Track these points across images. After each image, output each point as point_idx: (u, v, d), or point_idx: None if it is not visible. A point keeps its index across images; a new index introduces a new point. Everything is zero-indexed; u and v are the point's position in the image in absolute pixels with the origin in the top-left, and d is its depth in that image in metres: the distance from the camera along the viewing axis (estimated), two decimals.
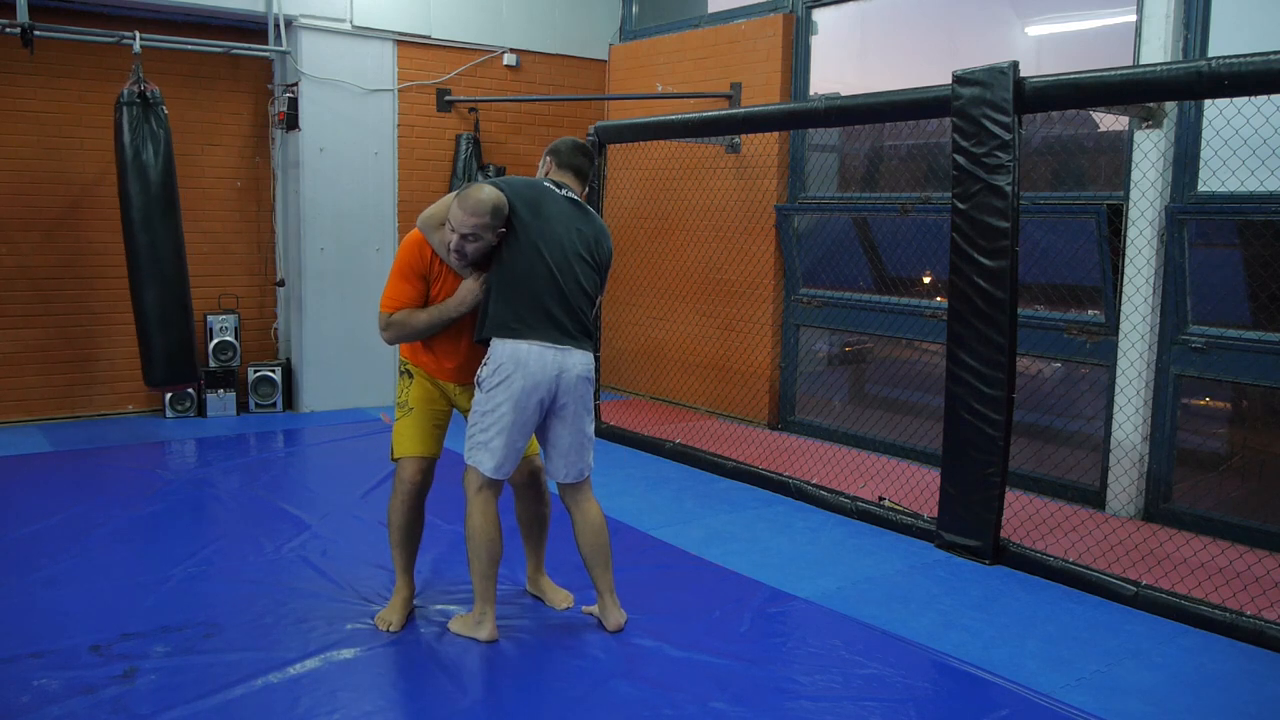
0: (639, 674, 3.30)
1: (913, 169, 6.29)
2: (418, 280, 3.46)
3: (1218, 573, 4.16)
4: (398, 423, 3.64)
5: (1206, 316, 4.87)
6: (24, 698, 3.01)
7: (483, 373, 3.38)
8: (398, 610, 3.62)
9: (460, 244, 3.30)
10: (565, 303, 3.39)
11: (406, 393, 3.64)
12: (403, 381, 3.67)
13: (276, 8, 6.78)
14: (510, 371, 3.32)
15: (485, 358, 3.40)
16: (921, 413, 6.10)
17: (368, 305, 7.44)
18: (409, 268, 3.46)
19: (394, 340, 3.52)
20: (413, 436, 3.61)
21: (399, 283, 3.46)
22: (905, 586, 4.15)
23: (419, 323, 3.46)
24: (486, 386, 3.37)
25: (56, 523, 4.64)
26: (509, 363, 3.32)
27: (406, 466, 3.60)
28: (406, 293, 3.45)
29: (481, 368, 3.40)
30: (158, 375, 6.03)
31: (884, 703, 3.15)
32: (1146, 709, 3.16)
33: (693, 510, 5.14)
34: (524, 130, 7.97)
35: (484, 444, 3.41)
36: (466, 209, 3.26)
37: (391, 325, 3.46)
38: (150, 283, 5.90)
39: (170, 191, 5.93)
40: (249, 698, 3.06)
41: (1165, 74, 3.84)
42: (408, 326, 3.47)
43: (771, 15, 6.92)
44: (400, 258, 3.48)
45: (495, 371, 3.34)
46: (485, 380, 3.37)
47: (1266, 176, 4.41)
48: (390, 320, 3.46)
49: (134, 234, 5.86)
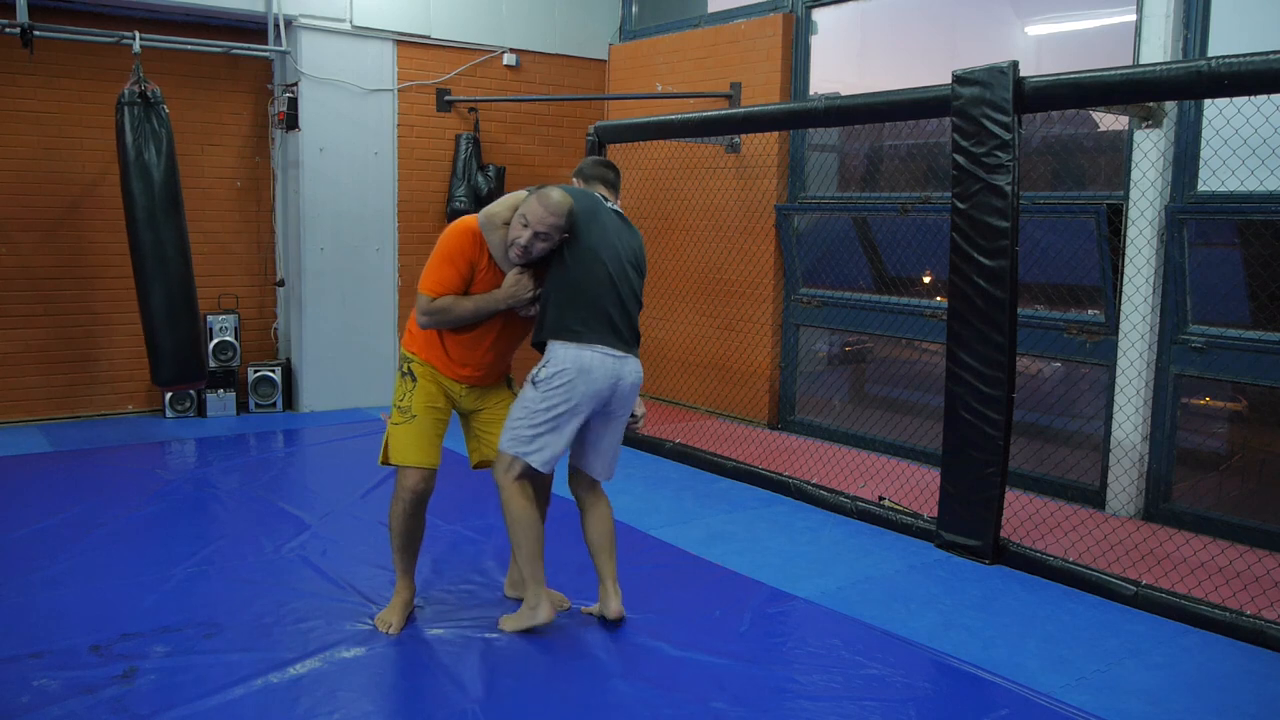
0: (639, 674, 3.30)
1: (913, 169, 6.29)
2: (466, 267, 3.41)
3: (1218, 572, 4.16)
4: (397, 427, 3.53)
5: (1206, 316, 4.87)
6: (24, 698, 3.01)
7: (541, 372, 3.42)
8: (398, 611, 3.62)
9: (532, 241, 3.31)
10: (623, 309, 3.48)
11: (409, 397, 3.52)
12: (404, 384, 3.54)
13: (276, 8, 6.78)
14: (573, 376, 3.38)
15: (544, 358, 3.44)
16: (921, 413, 6.10)
17: (368, 305, 7.45)
18: (458, 254, 3.41)
19: (432, 326, 3.44)
20: (416, 445, 3.52)
21: (445, 267, 3.39)
22: (905, 586, 4.15)
23: (463, 310, 3.41)
24: (545, 387, 3.41)
25: (56, 523, 4.64)
26: (572, 367, 3.39)
27: (409, 476, 3.53)
28: (452, 279, 3.40)
29: (541, 367, 3.43)
30: (166, 374, 6.03)
31: (884, 703, 3.15)
32: (1146, 709, 3.16)
33: (693, 510, 5.14)
34: (524, 130, 7.97)
35: (533, 439, 3.43)
36: (548, 208, 3.31)
37: (435, 310, 3.39)
38: (157, 282, 5.89)
39: (174, 190, 5.93)
40: (249, 698, 3.06)
41: (1165, 73, 3.84)
42: (451, 313, 3.41)
43: (771, 15, 6.92)
44: (449, 244, 3.42)
45: (558, 374, 3.39)
46: (543, 380, 3.41)
47: (1266, 176, 4.41)
48: (434, 305, 3.39)
49: (139, 233, 5.85)
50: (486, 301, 3.42)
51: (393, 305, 7.54)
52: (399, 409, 3.54)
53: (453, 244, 3.42)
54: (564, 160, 8.17)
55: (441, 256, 3.41)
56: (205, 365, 6.20)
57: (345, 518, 4.85)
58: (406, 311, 7.57)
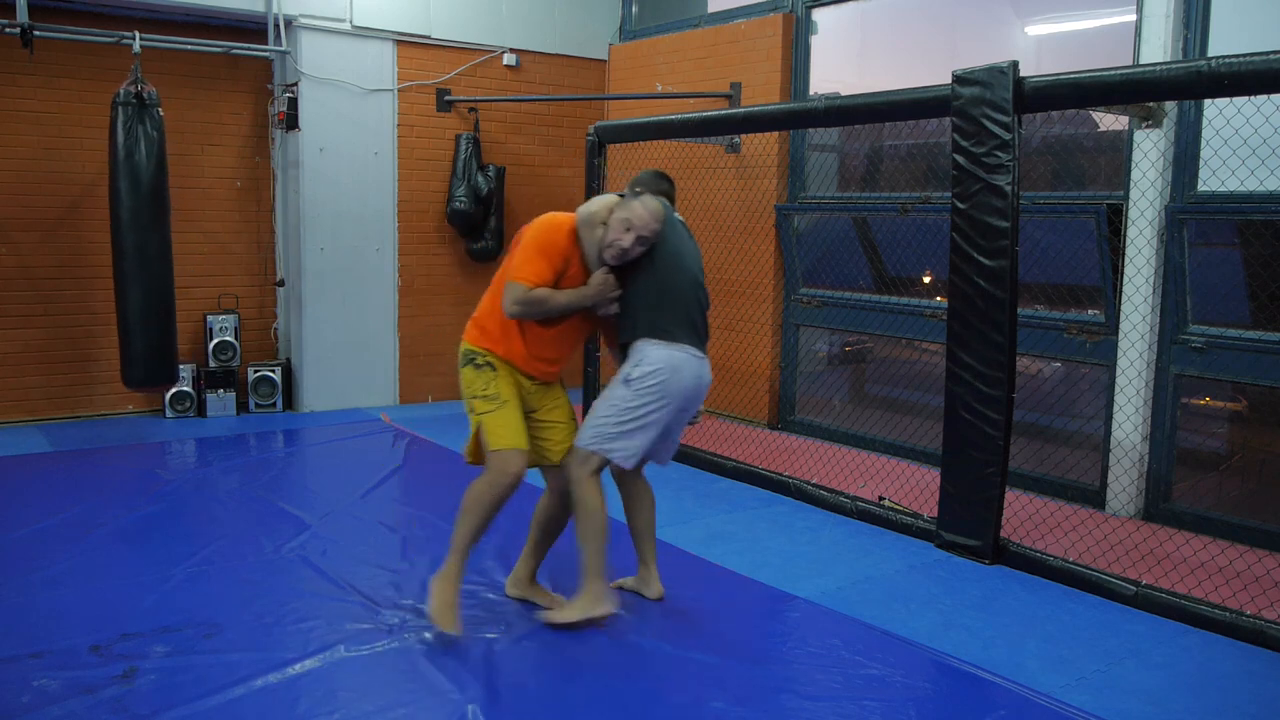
0: (639, 674, 3.30)
1: (913, 169, 6.29)
2: (561, 262, 3.47)
3: (1218, 572, 4.16)
4: (490, 415, 3.49)
5: (1206, 316, 4.87)
6: (24, 698, 3.00)
7: (635, 371, 3.53)
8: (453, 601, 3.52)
9: (633, 244, 3.45)
10: (701, 313, 3.67)
11: (494, 385, 3.52)
12: (483, 374, 3.53)
13: (276, 8, 6.78)
14: (666, 376, 3.52)
15: (635, 358, 3.55)
16: (921, 413, 6.10)
17: (368, 305, 7.46)
18: (555, 248, 3.46)
19: (522, 316, 3.47)
20: (516, 429, 3.50)
21: (541, 260, 3.43)
22: (905, 586, 4.15)
23: (556, 303, 3.47)
24: (638, 385, 3.52)
25: (56, 523, 4.64)
26: (665, 367, 3.52)
27: (513, 460, 3.48)
28: (546, 272, 3.44)
29: (634, 366, 3.54)
30: (135, 375, 6.04)
31: (884, 703, 3.15)
32: (1146, 709, 3.16)
33: (693, 510, 5.14)
34: (524, 130, 7.98)
35: (622, 436, 3.54)
36: (653, 214, 3.49)
37: (531, 300, 3.42)
38: (134, 283, 5.91)
39: (161, 194, 5.94)
40: (249, 698, 3.06)
41: (1165, 73, 3.83)
42: (545, 304, 3.45)
43: (771, 15, 6.92)
44: (546, 237, 3.47)
45: (652, 373, 3.51)
46: (637, 379, 3.52)
47: (1266, 176, 4.41)
48: (531, 295, 3.41)
49: (121, 233, 5.87)
50: (576, 297, 3.50)
51: (393, 305, 7.54)
52: (484, 398, 3.52)
53: (551, 238, 3.47)
54: (564, 160, 8.18)
55: (538, 249, 3.45)
56: (176, 369, 6.19)
57: (345, 518, 4.85)
58: (407, 311, 7.58)
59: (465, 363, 3.60)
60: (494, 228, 7.67)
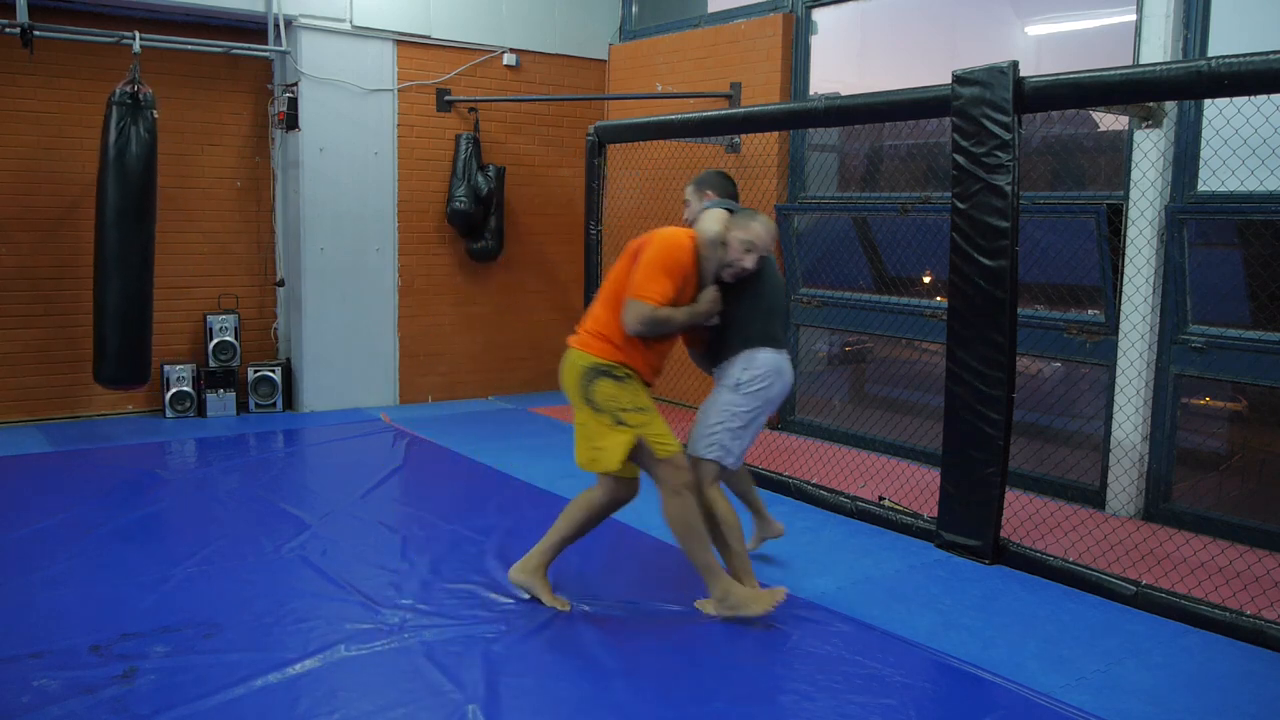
0: (639, 674, 3.30)
1: (913, 169, 6.29)
2: (683, 282, 3.58)
3: (1218, 572, 4.16)
4: (648, 427, 3.54)
5: (1206, 316, 4.87)
6: (24, 698, 3.00)
7: (744, 375, 3.74)
8: (748, 591, 3.65)
9: (753, 262, 3.65)
10: (788, 319, 3.76)
11: (640, 397, 3.58)
12: (627, 387, 3.55)
13: (276, 8, 6.78)
14: (772, 379, 3.77)
15: (744, 364, 3.74)
16: (921, 413, 6.10)
17: (368, 305, 7.46)
18: (679, 268, 3.56)
19: (645, 333, 3.55)
20: (673, 435, 3.62)
21: (666, 280, 3.52)
22: (905, 586, 4.15)
23: (678, 321, 3.59)
24: (746, 390, 3.74)
25: (56, 523, 4.64)
26: (772, 372, 3.77)
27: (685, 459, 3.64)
28: (670, 291, 3.53)
29: (743, 371, 3.73)
30: (107, 373, 6.07)
31: (884, 703, 3.15)
32: (1146, 709, 3.16)
33: None
34: (524, 130, 7.98)
35: (732, 439, 3.76)
36: (770, 234, 3.73)
37: (657, 320, 3.51)
38: (113, 281, 5.96)
39: (147, 195, 5.96)
40: (249, 698, 3.06)
41: (1165, 73, 3.83)
42: (669, 323, 3.56)
43: (771, 15, 6.92)
44: (672, 256, 3.55)
45: (760, 377, 3.75)
46: (747, 383, 3.74)
47: (1266, 176, 4.41)
48: (657, 315, 3.50)
49: (105, 230, 5.93)
50: (690, 314, 3.62)
51: (393, 305, 7.54)
52: (636, 411, 3.54)
53: (675, 257, 3.56)
54: (564, 160, 8.18)
55: (663, 269, 3.53)
56: (148, 370, 6.22)
57: (345, 518, 4.85)
58: (407, 311, 7.58)
59: (599, 375, 3.57)
60: (494, 228, 7.67)
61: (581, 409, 3.61)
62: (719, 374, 3.86)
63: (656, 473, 3.57)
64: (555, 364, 8.99)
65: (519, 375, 8.20)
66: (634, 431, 3.53)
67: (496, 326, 8.05)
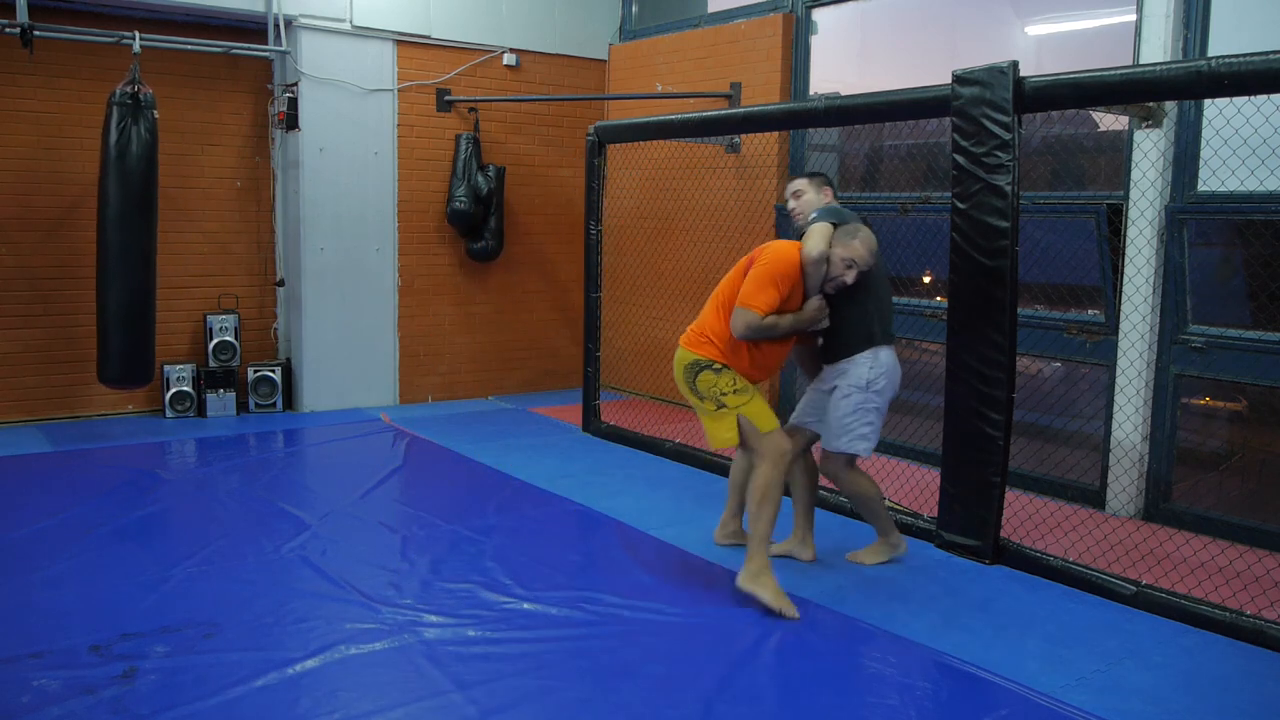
0: (640, 673, 3.30)
1: (913, 169, 6.29)
2: (789, 291, 3.91)
3: (1218, 572, 4.16)
4: (748, 405, 3.94)
5: (1206, 316, 4.87)
6: (24, 698, 3.01)
7: (872, 375, 4.06)
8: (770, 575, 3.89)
9: (853, 278, 3.95)
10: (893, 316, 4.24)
11: (738, 380, 3.95)
12: (723, 376, 3.94)
13: (276, 8, 6.78)
14: (892, 377, 4.13)
15: (866, 363, 4.05)
16: (921, 413, 6.09)
17: (368, 305, 7.46)
18: (786, 280, 3.89)
19: (751, 338, 3.91)
20: (771, 411, 4.01)
21: (773, 290, 3.86)
22: (905, 586, 4.15)
23: (783, 327, 3.93)
24: (874, 387, 4.07)
25: (56, 523, 4.64)
26: (890, 370, 4.12)
27: (783, 437, 3.98)
28: (775, 300, 3.87)
29: (870, 370, 4.06)
30: (111, 373, 6.06)
31: (884, 703, 3.15)
32: (1146, 709, 3.16)
33: (693, 510, 5.14)
34: (524, 130, 7.98)
35: (868, 434, 4.12)
36: (870, 250, 3.98)
37: (763, 327, 3.87)
38: (116, 281, 5.95)
39: (149, 195, 5.95)
40: (249, 698, 3.06)
41: (1165, 73, 3.83)
42: (774, 329, 3.91)
43: (771, 15, 6.92)
44: (780, 269, 3.88)
45: (881, 375, 4.09)
46: (873, 382, 4.07)
47: (1266, 176, 4.41)
48: (764, 322, 3.85)
49: (107, 231, 5.92)
50: (795, 322, 3.96)
51: (393, 305, 7.54)
52: (736, 392, 3.94)
53: (783, 269, 3.89)
54: (564, 160, 8.18)
55: (771, 280, 3.87)
56: (152, 369, 6.23)
57: (345, 518, 4.85)
58: (407, 311, 7.58)
59: (699, 369, 3.99)
60: (494, 228, 7.67)
61: (691, 398, 4.06)
62: (834, 371, 4.15)
63: (756, 445, 3.95)
64: (555, 364, 9.01)
65: (519, 375, 8.21)
66: (734, 411, 3.95)
67: (496, 326, 8.06)
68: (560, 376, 8.33)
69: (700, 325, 4.07)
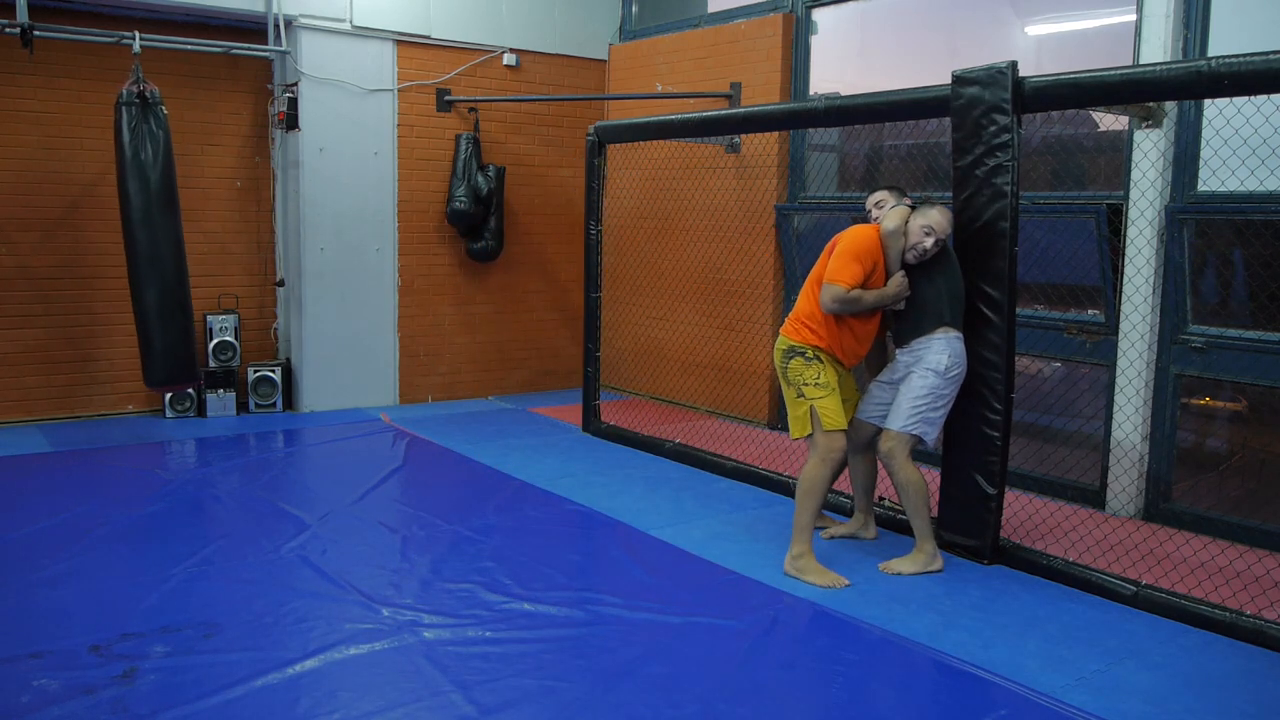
0: (640, 673, 3.30)
1: (913, 169, 6.29)
2: (871, 267, 4.10)
3: (1218, 572, 4.17)
4: (823, 400, 4.13)
5: (1206, 316, 4.87)
6: (24, 698, 3.01)
7: (944, 361, 4.15)
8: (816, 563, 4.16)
9: (933, 246, 4.12)
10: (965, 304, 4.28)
11: (823, 375, 4.16)
12: (812, 366, 4.16)
13: (276, 8, 6.78)
14: (963, 364, 4.22)
15: (940, 350, 4.15)
16: None
17: (368, 305, 7.46)
18: (868, 255, 4.10)
19: (839, 312, 4.12)
20: (841, 413, 4.17)
21: (855, 265, 4.07)
22: (905, 586, 4.15)
23: (867, 301, 4.12)
24: (948, 374, 4.17)
25: (56, 523, 4.64)
26: (962, 357, 4.22)
27: (841, 439, 4.16)
28: (859, 275, 4.07)
29: (945, 357, 4.15)
30: (158, 375, 6.02)
31: (884, 703, 3.15)
32: (1146, 709, 3.16)
33: (693, 510, 5.14)
34: (524, 130, 7.98)
35: (937, 420, 4.22)
36: (948, 219, 4.17)
37: (848, 300, 4.06)
38: (150, 282, 5.88)
39: (170, 191, 5.93)
40: (249, 698, 3.06)
41: (1165, 73, 3.83)
42: (859, 303, 4.10)
43: (771, 15, 6.92)
44: (860, 245, 4.10)
45: (955, 364, 4.18)
46: (946, 369, 4.16)
47: (1266, 176, 4.41)
48: (848, 295, 4.06)
49: (133, 233, 5.85)
50: (879, 296, 4.14)
51: (393, 305, 7.54)
52: (817, 385, 4.14)
53: (864, 245, 4.11)
54: (564, 160, 8.18)
55: (853, 255, 4.08)
56: (197, 366, 6.19)
57: (345, 518, 4.85)
58: (407, 311, 7.58)
59: (793, 355, 4.22)
60: (494, 228, 7.67)
61: (782, 382, 4.28)
62: (908, 353, 4.26)
63: (816, 438, 4.15)
64: (554, 364, 9.02)
65: (519, 375, 8.21)
66: (809, 402, 4.14)
67: (496, 326, 8.06)
68: (560, 376, 8.33)
69: (795, 313, 4.29)
